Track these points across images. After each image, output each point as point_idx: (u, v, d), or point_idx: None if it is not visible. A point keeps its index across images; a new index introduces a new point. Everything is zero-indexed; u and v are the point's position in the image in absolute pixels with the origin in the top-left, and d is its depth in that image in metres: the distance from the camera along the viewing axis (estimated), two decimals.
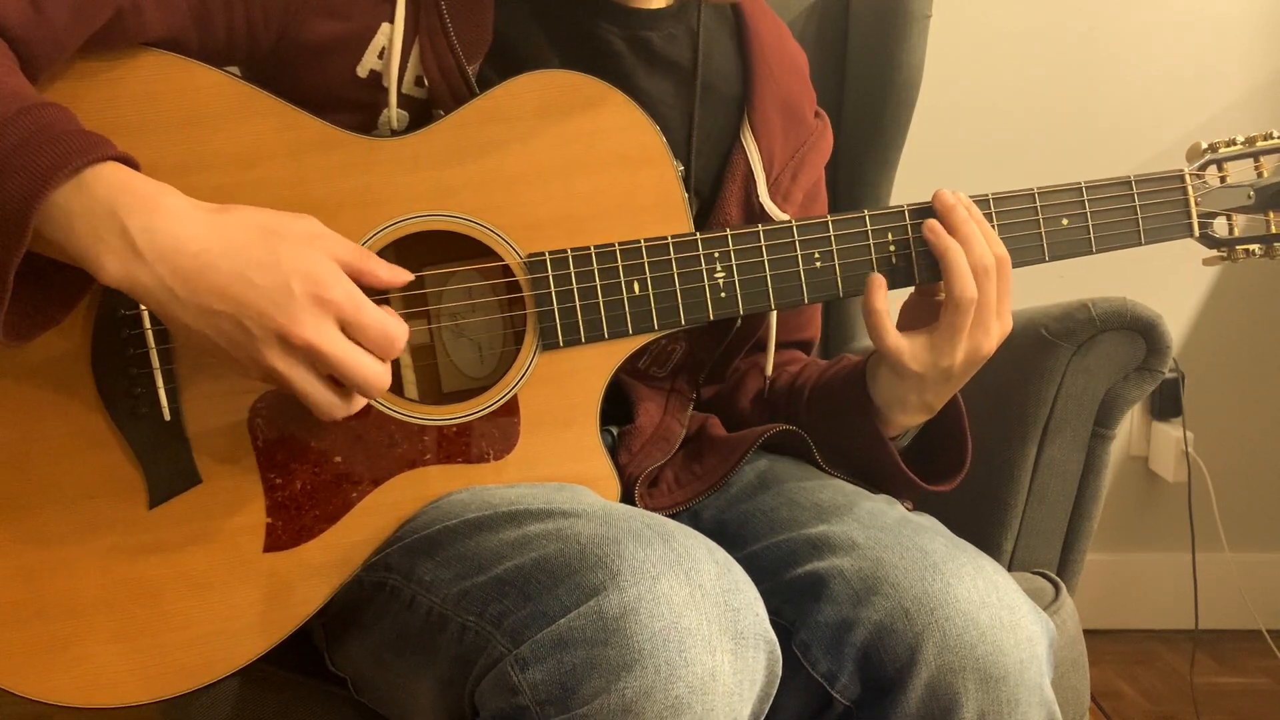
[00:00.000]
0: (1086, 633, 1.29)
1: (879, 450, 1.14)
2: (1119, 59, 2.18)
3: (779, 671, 0.92)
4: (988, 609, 0.96)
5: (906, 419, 1.13)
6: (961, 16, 2.08)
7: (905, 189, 1.67)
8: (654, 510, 1.11)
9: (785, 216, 1.16)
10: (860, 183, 1.63)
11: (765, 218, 1.15)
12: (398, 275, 0.94)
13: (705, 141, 1.17)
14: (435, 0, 1.03)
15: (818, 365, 1.24)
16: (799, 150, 1.21)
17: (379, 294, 0.95)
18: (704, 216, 1.17)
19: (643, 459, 1.15)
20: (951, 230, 1.06)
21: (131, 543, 0.98)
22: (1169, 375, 1.41)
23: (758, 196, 1.16)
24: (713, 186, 1.17)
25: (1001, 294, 1.06)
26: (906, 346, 1.07)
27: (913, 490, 1.15)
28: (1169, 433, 2.26)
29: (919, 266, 1.08)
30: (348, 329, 0.89)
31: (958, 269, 1.04)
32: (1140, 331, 1.31)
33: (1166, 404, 2.24)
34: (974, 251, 1.05)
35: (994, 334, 1.07)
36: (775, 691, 0.92)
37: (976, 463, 1.16)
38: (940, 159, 1.96)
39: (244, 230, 0.89)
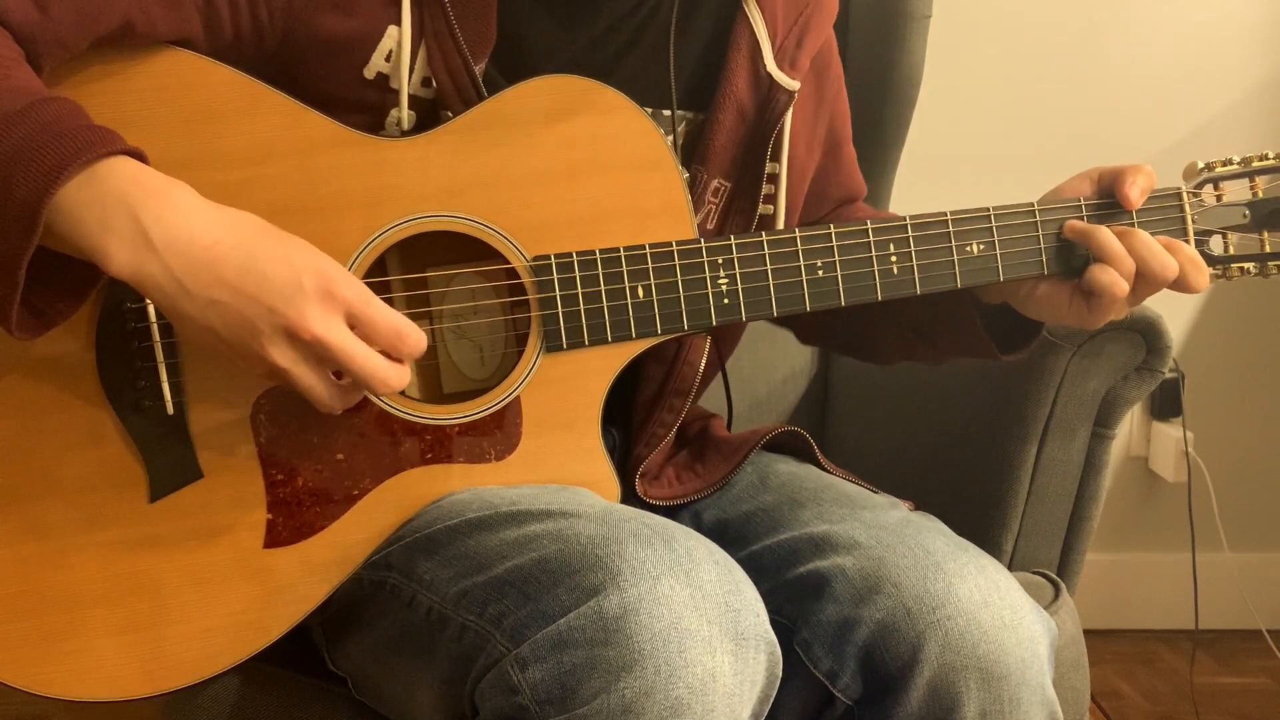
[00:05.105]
0: (1086, 633, 1.30)
1: (969, 320, 1.15)
2: (1119, 60, 2.18)
3: (779, 672, 0.92)
4: (990, 608, 0.96)
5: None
6: (961, 16, 2.08)
7: (905, 189, 1.67)
8: (654, 500, 1.12)
9: (795, 84, 1.14)
10: None
11: (776, 87, 1.13)
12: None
13: (705, 14, 1.14)
14: (440, 1, 1.03)
15: None
16: (803, 13, 1.17)
17: (383, 296, 0.95)
18: (708, 94, 1.14)
19: (645, 436, 1.14)
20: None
21: (132, 536, 0.98)
22: (1169, 375, 1.41)
23: (764, 66, 1.13)
24: (717, 59, 1.14)
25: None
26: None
27: (987, 353, 1.15)
28: (1169, 433, 2.26)
29: (920, 278, 1.08)
30: (357, 325, 0.90)
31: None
32: (1140, 332, 1.31)
33: (1166, 404, 2.24)
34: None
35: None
36: (776, 692, 0.92)
37: (977, 462, 1.16)
38: (940, 159, 1.97)
39: (254, 227, 0.89)
